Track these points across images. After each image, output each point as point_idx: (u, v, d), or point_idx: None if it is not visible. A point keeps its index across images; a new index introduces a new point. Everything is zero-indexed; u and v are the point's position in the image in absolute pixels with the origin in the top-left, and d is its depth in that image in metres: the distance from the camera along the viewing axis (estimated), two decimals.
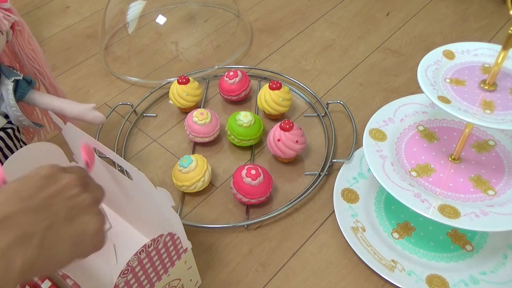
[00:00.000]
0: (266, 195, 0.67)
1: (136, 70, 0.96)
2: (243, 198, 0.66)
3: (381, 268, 0.59)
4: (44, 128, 0.73)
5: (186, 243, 0.53)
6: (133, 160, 0.78)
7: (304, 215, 0.68)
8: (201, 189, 0.70)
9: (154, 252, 0.47)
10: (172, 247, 0.50)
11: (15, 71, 0.62)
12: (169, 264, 0.51)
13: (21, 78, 0.61)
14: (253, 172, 0.65)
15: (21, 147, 0.59)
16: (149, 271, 0.48)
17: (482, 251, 0.61)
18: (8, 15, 0.55)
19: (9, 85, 0.60)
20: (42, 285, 0.47)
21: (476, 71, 0.56)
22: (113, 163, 0.72)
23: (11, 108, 0.61)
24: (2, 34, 0.57)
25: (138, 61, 0.99)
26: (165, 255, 0.49)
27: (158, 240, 0.46)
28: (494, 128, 0.48)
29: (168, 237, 0.48)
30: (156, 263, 0.48)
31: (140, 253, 0.45)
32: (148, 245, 0.45)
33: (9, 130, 0.61)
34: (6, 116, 0.62)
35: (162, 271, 0.50)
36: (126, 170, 0.51)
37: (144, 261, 0.46)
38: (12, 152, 0.62)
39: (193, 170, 0.68)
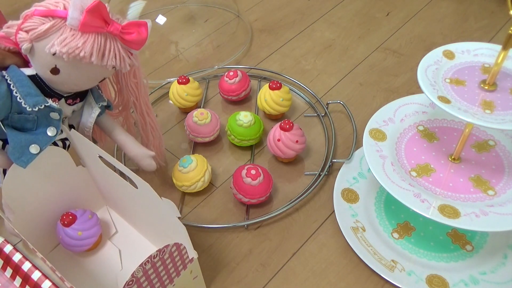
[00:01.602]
0: (266, 195, 0.67)
1: None
2: (243, 198, 0.66)
3: (381, 268, 0.59)
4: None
5: (192, 253, 0.52)
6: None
7: (304, 215, 0.68)
8: (201, 189, 0.70)
9: (159, 263, 0.46)
10: (178, 257, 0.49)
11: (103, 94, 0.62)
12: (174, 274, 0.50)
13: (105, 104, 0.61)
14: (253, 172, 0.65)
15: None
16: (154, 281, 0.47)
17: (482, 251, 0.61)
18: (130, 60, 0.55)
19: (96, 110, 0.60)
20: (42, 285, 0.47)
21: (476, 71, 0.56)
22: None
23: (84, 128, 0.61)
24: (116, 70, 0.57)
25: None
26: (170, 265, 0.48)
27: (164, 250, 0.45)
28: (494, 128, 0.48)
29: (174, 247, 0.47)
30: (162, 273, 0.48)
31: (145, 264, 0.44)
32: (154, 255, 0.44)
33: (67, 142, 0.60)
34: (72, 127, 0.62)
35: (168, 281, 0.49)
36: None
37: (150, 272, 0.45)
38: None
39: (193, 170, 0.68)
